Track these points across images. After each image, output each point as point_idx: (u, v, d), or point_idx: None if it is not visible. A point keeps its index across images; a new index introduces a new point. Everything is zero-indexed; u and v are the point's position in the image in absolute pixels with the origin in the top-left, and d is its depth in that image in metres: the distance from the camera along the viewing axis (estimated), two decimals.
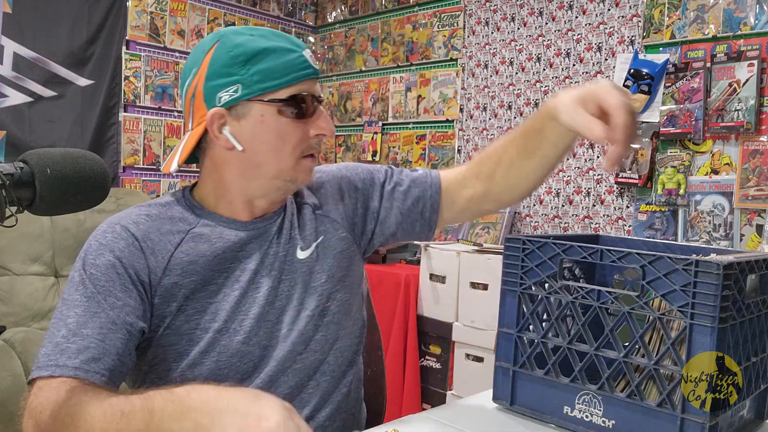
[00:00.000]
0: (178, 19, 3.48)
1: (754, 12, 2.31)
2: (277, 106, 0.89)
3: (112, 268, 0.87)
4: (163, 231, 0.92)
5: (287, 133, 0.91)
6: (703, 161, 2.43)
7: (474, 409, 1.03)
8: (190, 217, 0.95)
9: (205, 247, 0.92)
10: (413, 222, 1.09)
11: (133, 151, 3.33)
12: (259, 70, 0.88)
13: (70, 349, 0.80)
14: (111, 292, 0.86)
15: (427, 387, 2.73)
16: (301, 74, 0.90)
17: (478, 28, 3.23)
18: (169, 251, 0.90)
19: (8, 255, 2.62)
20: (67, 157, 0.72)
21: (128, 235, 0.90)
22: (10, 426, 2.07)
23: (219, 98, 0.89)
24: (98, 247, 0.89)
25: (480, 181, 1.08)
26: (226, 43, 0.89)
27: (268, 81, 0.88)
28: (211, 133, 0.91)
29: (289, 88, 0.90)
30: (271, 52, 0.89)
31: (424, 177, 1.10)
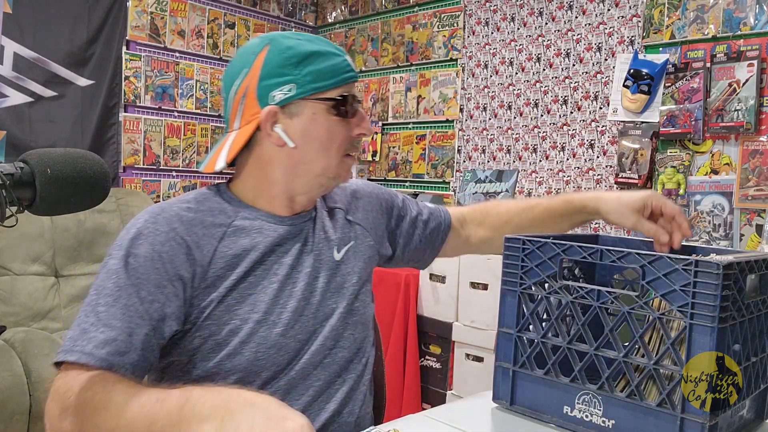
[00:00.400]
0: (178, 19, 3.48)
1: (753, 12, 2.32)
2: (328, 105, 0.94)
3: (150, 261, 0.88)
4: (206, 224, 0.94)
5: (335, 132, 0.96)
6: (702, 161, 2.43)
7: (474, 409, 1.03)
8: (229, 209, 0.97)
9: (246, 241, 0.95)
10: (425, 250, 1.23)
11: (134, 151, 3.33)
12: (311, 71, 0.93)
13: (98, 339, 0.82)
14: (144, 286, 0.86)
15: (427, 387, 2.73)
16: (347, 77, 0.96)
17: (478, 28, 3.23)
18: (213, 245, 0.92)
19: (8, 255, 2.62)
20: (68, 157, 0.72)
21: (170, 229, 0.90)
22: (10, 426, 2.07)
23: (272, 97, 0.93)
24: (138, 236, 0.89)
25: (483, 229, 1.25)
26: (277, 45, 0.94)
27: (320, 81, 0.93)
28: (264, 131, 0.94)
29: (336, 89, 0.95)
30: (321, 55, 0.94)
31: (438, 211, 1.24)
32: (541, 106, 2.98)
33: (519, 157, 3.06)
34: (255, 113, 0.94)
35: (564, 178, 2.89)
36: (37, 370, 2.19)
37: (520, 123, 3.05)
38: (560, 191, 2.90)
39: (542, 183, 2.97)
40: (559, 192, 2.91)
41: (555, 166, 2.92)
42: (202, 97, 3.59)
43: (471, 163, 3.26)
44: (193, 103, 3.55)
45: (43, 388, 2.17)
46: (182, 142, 3.52)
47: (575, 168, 2.85)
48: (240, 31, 3.77)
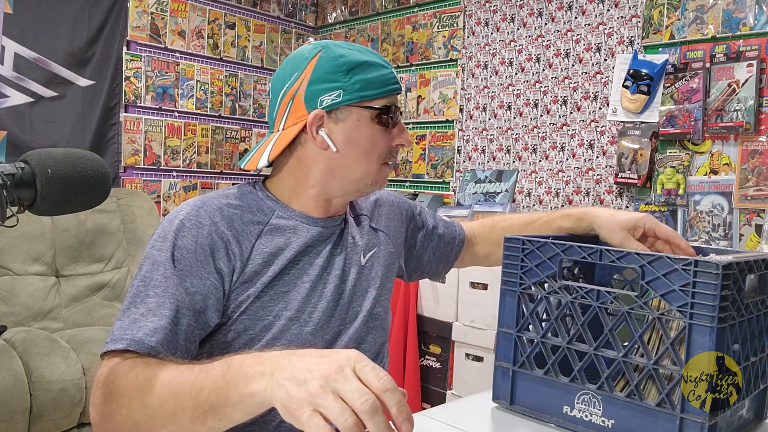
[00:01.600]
0: (178, 19, 3.48)
1: (753, 12, 2.32)
2: (372, 114, 0.97)
3: (193, 254, 0.90)
4: (246, 220, 0.96)
5: (377, 140, 0.99)
6: (702, 161, 2.43)
7: (474, 408, 1.03)
8: (266, 208, 1.00)
9: (281, 240, 0.98)
10: (439, 263, 1.29)
11: (134, 151, 3.33)
12: (359, 80, 0.96)
13: (147, 327, 0.83)
14: (189, 278, 0.89)
15: (427, 386, 2.73)
16: (392, 88, 0.99)
17: (477, 28, 3.23)
18: (251, 241, 0.95)
19: (9, 255, 2.62)
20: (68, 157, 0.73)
21: (211, 222, 0.93)
22: (10, 426, 2.07)
23: (321, 101, 0.96)
24: (181, 228, 0.91)
25: (488, 244, 1.32)
26: (329, 53, 0.97)
27: (367, 90, 0.97)
28: (310, 133, 0.97)
29: (382, 99, 0.98)
30: (370, 66, 0.97)
31: (452, 226, 1.31)
32: (540, 106, 2.98)
33: (519, 158, 3.06)
34: (302, 116, 0.97)
35: (564, 178, 2.89)
36: (37, 369, 2.19)
37: (520, 123, 3.06)
38: (560, 191, 2.90)
39: (542, 183, 2.97)
40: (559, 192, 2.91)
41: (555, 166, 2.92)
42: (203, 98, 3.59)
43: (471, 163, 3.26)
44: (193, 103, 3.55)
45: (43, 388, 2.17)
46: (183, 143, 3.52)
47: (575, 168, 2.85)
48: (240, 32, 3.78)
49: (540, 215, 1.27)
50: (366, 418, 0.59)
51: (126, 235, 2.96)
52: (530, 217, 1.29)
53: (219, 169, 3.68)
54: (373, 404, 0.59)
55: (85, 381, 2.27)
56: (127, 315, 0.85)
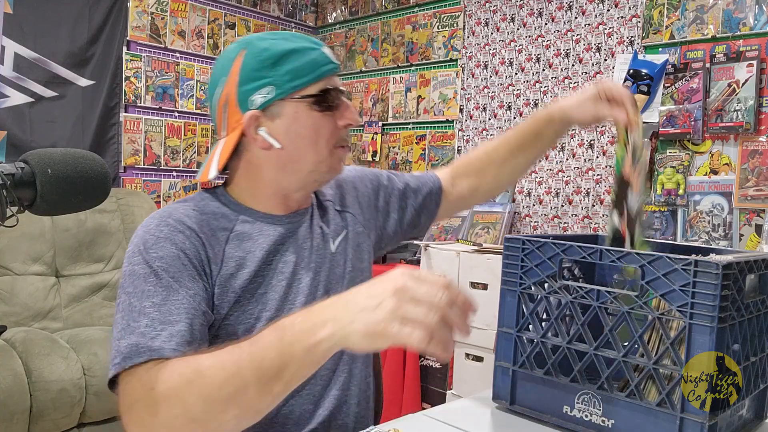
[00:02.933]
0: (178, 19, 3.48)
1: (753, 12, 2.32)
2: (309, 102, 0.94)
3: (177, 260, 0.88)
4: (213, 227, 0.95)
5: (320, 126, 0.96)
6: (702, 161, 2.43)
7: (474, 408, 1.03)
8: (229, 213, 0.98)
9: (249, 243, 0.96)
10: (419, 216, 1.23)
11: (134, 151, 3.33)
12: (288, 70, 0.92)
13: (162, 336, 0.80)
14: (183, 282, 0.87)
15: (427, 386, 2.73)
16: (326, 69, 0.95)
17: (477, 28, 3.23)
18: (222, 246, 0.94)
19: (9, 255, 2.62)
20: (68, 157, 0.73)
21: (185, 228, 0.91)
22: (10, 426, 2.07)
23: (252, 101, 0.93)
24: (156, 240, 0.89)
25: (469, 179, 1.25)
26: (252, 49, 0.94)
27: (298, 79, 0.93)
28: (249, 136, 0.94)
29: (316, 84, 0.94)
30: (296, 52, 0.93)
31: (425, 177, 1.24)
32: (540, 106, 2.98)
33: None
34: (238, 120, 0.94)
35: (564, 178, 2.89)
36: (37, 369, 2.19)
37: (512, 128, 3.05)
38: (560, 191, 2.90)
39: (542, 183, 2.97)
40: (559, 192, 2.91)
41: (555, 166, 2.92)
42: (203, 98, 3.59)
43: None
44: (193, 103, 3.56)
45: (43, 388, 2.17)
46: (183, 143, 3.52)
47: (575, 168, 2.85)
48: (240, 32, 3.78)
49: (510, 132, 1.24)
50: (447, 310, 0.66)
51: (126, 235, 2.96)
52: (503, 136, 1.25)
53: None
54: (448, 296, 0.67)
55: (85, 381, 2.27)
56: (130, 331, 0.81)
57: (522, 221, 3.04)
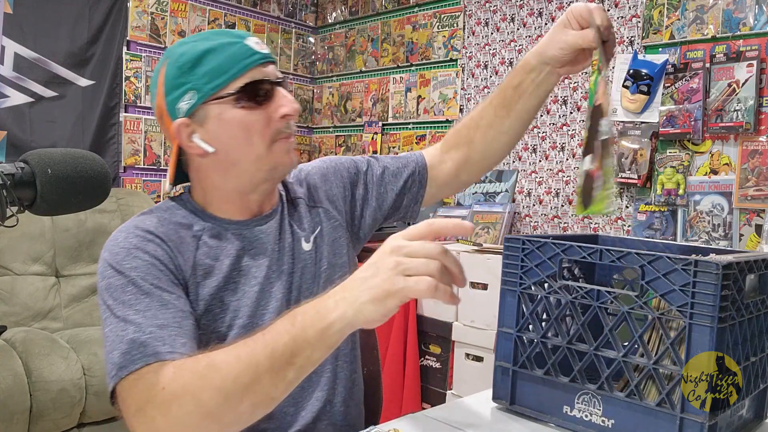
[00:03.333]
0: (178, 19, 3.48)
1: (753, 12, 2.32)
2: (230, 100, 0.90)
3: (152, 267, 0.87)
4: (181, 234, 0.93)
5: (250, 123, 0.91)
6: (702, 161, 2.43)
7: (474, 408, 1.03)
8: (195, 221, 0.96)
9: (218, 251, 0.94)
10: (402, 199, 1.16)
11: (134, 151, 3.33)
12: (205, 72, 0.90)
13: (153, 339, 0.79)
14: (163, 287, 0.86)
15: (427, 387, 2.73)
16: (247, 62, 0.91)
17: (477, 28, 3.23)
18: (192, 254, 0.92)
19: (9, 255, 2.62)
20: (68, 157, 0.73)
21: (153, 237, 0.90)
22: (10, 426, 2.07)
23: (179, 109, 0.91)
24: (127, 252, 0.87)
25: (458, 150, 1.16)
26: (172, 56, 0.93)
27: (217, 79, 0.90)
28: (183, 145, 0.93)
29: (238, 79, 0.90)
30: (213, 51, 0.90)
31: (407, 159, 1.17)
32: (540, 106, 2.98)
33: (518, 157, 3.06)
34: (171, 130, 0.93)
35: (564, 178, 2.89)
36: (37, 370, 2.19)
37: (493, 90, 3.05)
38: (560, 191, 2.90)
39: (542, 183, 2.97)
40: (559, 192, 2.91)
41: (554, 166, 2.92)
42: None
43: None
44: None
45: (43, 388, 2.17)
46: None
47: (575, 168, 2.85)
48: None
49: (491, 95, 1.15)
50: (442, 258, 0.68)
51: None
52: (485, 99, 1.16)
53: None
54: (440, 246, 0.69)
55: (85, 381, 2.27)
56: (119, 341, 0.79)
57: (522, 221, 3.04)
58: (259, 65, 0.92)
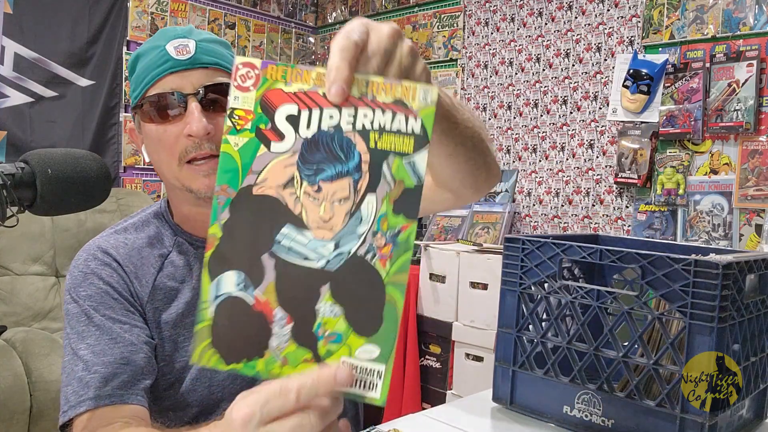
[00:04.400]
0: (178, 19, 3.48)
1: (753, 12, 2.32)
2: (138, 113, 0.85)
3: (106, 295, 0.84)
4: (144, 255, 0.89)
5: (158, 139, 0.83)
6: (702, 161, 2.43)
7: (474, 408, 1.03)
8: (166, 236, 0.92)
9: (184, 271, 0.90)
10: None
11: (134, 151, 3.33)
12: (134, 79, 0.85)
13: (95, 380, 0.78)
14: (115, 318, 0.83)
15: (427, 386, 2.73)
16: (159, 71, 0.81)
17: (477, 28, 3.23)
18: (153, 274, 0.88)
19: (9, 255, 2.62)
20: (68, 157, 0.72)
21: (111, 260, 0.86)
22: (10, 426, 2.07)
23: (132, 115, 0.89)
24: (84, 277, 0.85)
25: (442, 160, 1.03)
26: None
27: (137, 88, 0.84)
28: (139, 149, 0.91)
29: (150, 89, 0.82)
30: (141, 56, 0.84)
31: None
32: (540, 106, 2.98)
33: (519, 157, 3.06)
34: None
35: (564, 178, 2.89)
36: (37, 370, 2.19)
37: (520, 123, 3.06)
38: (560, 191, 2.90)
39: (542, 183, 2.97)
40: (559, 192, 2.91)
41: (555, 166, 2.92)
42: None
43: None
44: None
45: (43, 388, 2.17)
46: None
47: (575, 168, 2.85)
48: (240, 32, 3.78)
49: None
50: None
51: None
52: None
53: None
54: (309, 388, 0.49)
55: None
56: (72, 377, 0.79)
57: (522, 221, 3.04)
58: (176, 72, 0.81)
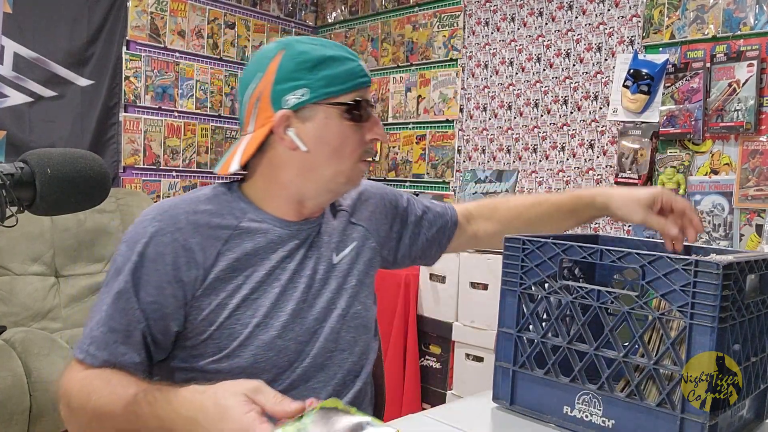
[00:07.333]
0: (178, 19, 3.48)
1: (753, 12, 2.32)
2: (340, 110, 0.95)
3: (152, 263, 0.89)
4: (213, 225, 0.94)
5: (348, 136, 0.96)
6: (702, 161, 2.43)
7: (474, 409, 1.03)
8: (237, 210, 0.97)
9: (250, 244, 0.95)
10: (431, 248, 1.24)
11: (134, 151, 3.33)
12: (324, 76, 0.93)
13: (99, 340, 0.87)
14: (144, 287, 0.89)
15: (427, 387, 2.73)
16: (360, 81, 0.96)
17: (478, 28, 3.23)
18: (217, 247, 0.93)
19: (8, 255, 2.62)
20: (68, 157, 0.72)
21: (175, 229, 0.91)
22: (10, 426, 2.07)
23: (286, 101, 0.93)
24: (144, 235, 0.90)
25: (492, 223, 1.25)
26: (291, 51, 0.95)
27: (333, 86, 0.94)
28: (277, 134, 0.95)
29: (349, 94, 0.95)
30: (335, 60, 0.94)
31: (444, 209, 1.25)
32: (541, 106, 2.98)
33: (519, 157, 3.06)
34: (269, 117, 0.94)
35: (564, 178, 2.89)
36: (37, 370, 2.19)
37: (520, 123, 3.05)
38: (560, 191, 2.90)
39: (542, 183, 2.96)
40: (559, 192, 2.91)
41: (555, 166, 2.92)
42: (202, 97, 3.59)
43: (471, 163, 3.26)
44: (193, 103, 3.55)
45: (43, 388, 2.16)
46: (182, 142, 3.52)
47: (575, 168, 2.85)
48: (240, 31, 3.77)
49: (547, 197, 1.24)
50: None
51: None
52: (537, 198, 1.25)
53: None
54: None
55: None
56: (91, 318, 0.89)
57: None
58: (366, 87, 0.98)
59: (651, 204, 1.08)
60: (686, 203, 1.08)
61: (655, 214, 1.08)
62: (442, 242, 1.24)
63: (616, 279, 1.08)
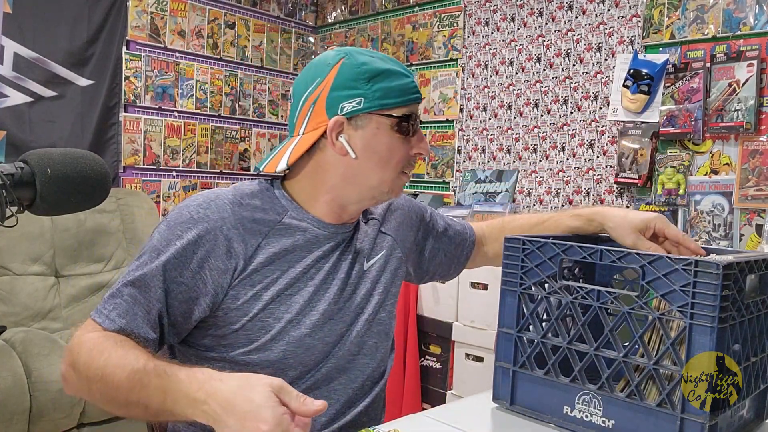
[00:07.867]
0: (178, 19, 3.48)
1: (753, 12, 2.32)
2: (392, 122, 0.99)
3: (190, 246, 0.92)
4: (255, 219, 0.97)
5: (396, 148, 1.00)
6: (702, 161, 2.43)
7: (474, 409, 1.03)
8: (279, 207, 1.01)
9: (289, 241, 0.98)
10: (450, 264, 1.29)
11: (134, 151, 3.33)
12: (380, 88, 0.97)
13: (121, 307, 0.90)
14: (177, 268, 0.91)
15: (427, 387, 2.73)
16: (413, 97, 1.02)
17: (478, 28, 3.23)
18: (258, 240, 0.96)
19: (8, 255, 2.62)
20: (68, 157, 0.72)
21: (219, 218, 0.94)
22: (10, 426, 2.07)
23: (342, 108, 0.97)
24: (189, 220, 0.93)
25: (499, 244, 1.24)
26: (352, 60, 0.98)
27: (388, 99, 0.98)
28: (330, 139, 0.98)
29: (402, 108, 1.00)
30: (392, 74, 0.99)
31: (463, 228, 1.31)
32: (541, 106, 2.98)
33: (519, 157, 3.06)
34: (322, 121, 0.98)
35: (564, 178, 2.89)
36: (37, 370, 2.19)
37: (520, 123, 3.05)
38: (560, 191, 2.90)
39: (542, 183, 2.97)
40: (559, 192, 2.91)
41: (555, 166, 2.92)
42: (202, 97, 3.59)
43: (471, 163, 3.26)
44: (193, 103, 3.55)
45: (43, 388, 2.17)
46: (182, 142, 3.52)
47: (575, 168, 2.85)
48: (240, 31, 3.77)
49: (549, 215, 1.27)
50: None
51: (126, 235, 2.96)
52: (540, 217, 1.28)
53: (219, 169, 3.68)
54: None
55: None
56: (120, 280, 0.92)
57: None
58: (417, 103, 1.03)
59: (643, 229, 1.09)
60: (679, 232, 1.09)
61: (646, 239, 1.09)
62: (461, 260, 1.29)
63: (616, 279, 1.08)
